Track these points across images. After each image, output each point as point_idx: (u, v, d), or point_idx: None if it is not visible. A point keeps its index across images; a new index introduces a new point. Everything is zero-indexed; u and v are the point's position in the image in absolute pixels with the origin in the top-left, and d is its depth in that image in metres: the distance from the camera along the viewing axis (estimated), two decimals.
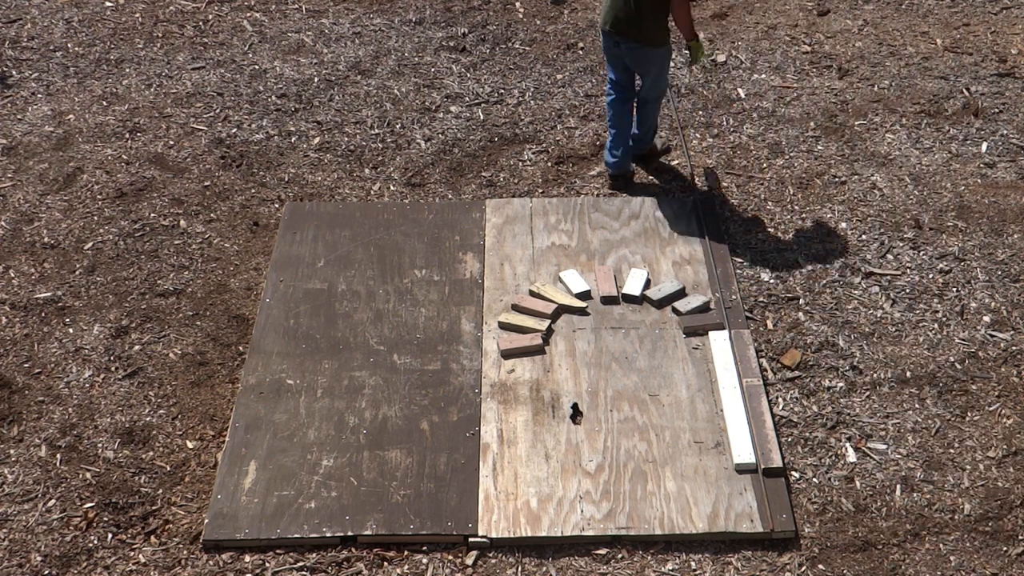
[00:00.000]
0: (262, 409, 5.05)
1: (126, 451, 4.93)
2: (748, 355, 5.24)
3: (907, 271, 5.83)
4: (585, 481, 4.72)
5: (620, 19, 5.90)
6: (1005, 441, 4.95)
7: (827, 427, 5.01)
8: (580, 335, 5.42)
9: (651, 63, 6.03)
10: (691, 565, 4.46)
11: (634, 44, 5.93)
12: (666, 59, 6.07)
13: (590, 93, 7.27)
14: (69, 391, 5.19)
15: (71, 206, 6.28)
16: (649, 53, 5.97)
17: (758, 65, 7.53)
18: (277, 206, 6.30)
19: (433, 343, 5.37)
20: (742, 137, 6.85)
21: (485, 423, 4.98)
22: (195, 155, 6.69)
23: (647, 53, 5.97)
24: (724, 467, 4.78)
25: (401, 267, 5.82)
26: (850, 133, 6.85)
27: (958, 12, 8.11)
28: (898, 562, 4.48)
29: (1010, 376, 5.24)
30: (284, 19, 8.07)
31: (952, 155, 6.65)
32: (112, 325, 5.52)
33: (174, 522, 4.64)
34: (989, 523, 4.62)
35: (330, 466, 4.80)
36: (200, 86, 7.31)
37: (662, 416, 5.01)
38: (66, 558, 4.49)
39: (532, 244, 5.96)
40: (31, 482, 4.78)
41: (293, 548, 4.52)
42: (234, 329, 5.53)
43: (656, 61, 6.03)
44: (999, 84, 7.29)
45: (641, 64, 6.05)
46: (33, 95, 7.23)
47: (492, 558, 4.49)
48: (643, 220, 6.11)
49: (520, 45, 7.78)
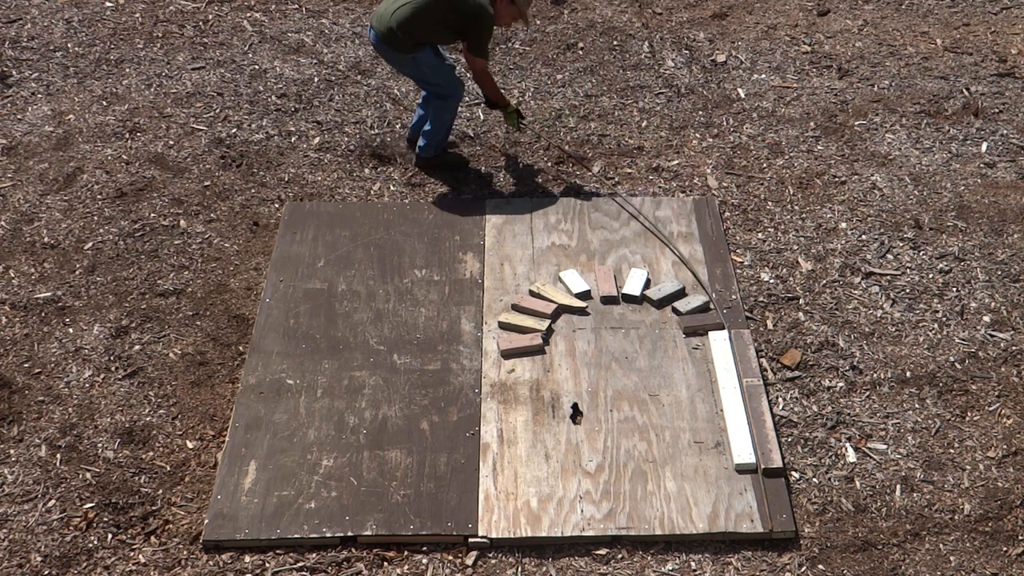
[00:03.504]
0: (262, 409, 5.05)
1: (126, 451, 4.93)
2: (748, 355, 5.24)
3: (907, 271, 5.83)
4: (585, 481, 4.72)
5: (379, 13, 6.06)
6: (1005, 441, 4.95)
7: (827, 427, 5.02)
8: (580, 335, 5.42)
9: (401, 65, 6.18)
10: (691, 565, 4.46)
11: (385, 46, 6.07)
12: (420, 64, 6.10)
13: (590, 93, 7.27)
14: (69, 391, 5.19)
15: (71, 206, 6.28)
16: (394, 56, 6.09)
17: (758, 65, 7.54)
18: (277, 206, 6.30)
19: (433, 343, 5.37)
20: (742, 137, 6.85)
21: (485, 423, 4.98)
22: (195, 155, 6.69)
23: (392, 54, 6.09)
24: (724, 467, 4.78)
25: (401, 267, 5.82)
26: (850, 133, 6.86)
27: (958, 12, 8.12)
28: (898, 562, 4.48)
29: (1010, 376, 5.24)
30: (284, 19, 8.07)
31: (952, 155, 6.65)
32: (112, 325, 5.52)
33: (174, 522, 4.64)
34: (989, 523, 4.62)
35: (330, 466, 4.80)
36: (200, 86, 7.31)
37: (662, 416, 5.01)
38: (66, 558, 4.49)
39: (532, 244, 5.96)
40: (31, 482, 4.78)
41: (293, 548, 4.52)
42: (234, 329, 5.53)
43: (405, 64, 6.14)
44: (999, 84, 7.29)
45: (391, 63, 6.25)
46: (33, 95, 7.23)
47: (492, 558, 4.49)
48: (643, 220, 6.11)
49: (520, 45, 7.78)
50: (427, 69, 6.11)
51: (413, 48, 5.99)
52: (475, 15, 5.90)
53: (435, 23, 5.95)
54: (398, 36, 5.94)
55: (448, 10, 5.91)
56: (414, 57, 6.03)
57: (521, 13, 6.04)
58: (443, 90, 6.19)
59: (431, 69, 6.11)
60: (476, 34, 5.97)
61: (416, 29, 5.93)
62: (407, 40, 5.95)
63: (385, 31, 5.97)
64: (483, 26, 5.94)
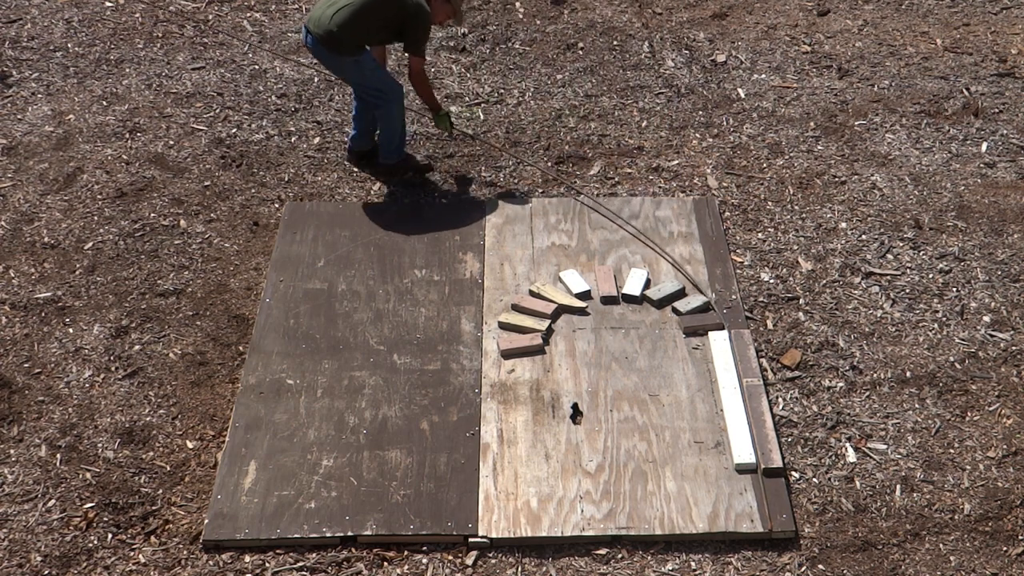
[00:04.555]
0: (262, 409, 5.05)
1: (126, 451, 4.93)
2: (748, 355, 5.24)
3: (907, 271, 5.83)
4: (585, 481, 4.72)
5: (316, 18, 5.99)
6: (1005, 441, 4.95)
7: (827, 427, 5.01)
8: (580, 335, 5.42)
9: (342, 69, 6.13)
10: (691, 565, 4.46)
11: (326, 50, 6.01)
12: (362, 67, 6.06)
13: (590, 93, 7.27)
14: (69, 391, 5.19)
15: (71, 206, 6.28)
16: (335, 59, 6.04)
17: (758, 65, 7.54)
18: (277, 206, 6.30)
19: (433, 343, 5.37)
20: (742, 137, 6.85)
21: (485, 423, 4.98)
22: (195, 155, 6.69)
23: (333, 58, 6.04)
24: (724, 467, 4.78)
25: (401, 267, 5.82)
26: (850, 133, 6.86)
27: (958, 12, 8.12)
28: (898, 562, 4.48)
29: (1010, 376, 5.24)
30: (284, 19, 8.07)
31: (952, 155, 6.65)
32: (112, 325, 5.52)
33: (174, 522, 4.64)
34: (989, 523, 4.62)
35: (330, 466, 4.80)
36: (200, 86, 7.31)
37: (662, 416, 5.01)
38: (66, 558, 4.49)
39: (532, 244, 5.96)
40: (31, 482, 4.78)
41: (293, 548, 4.52)
42: (234, 329, 5.53)
43: (347, 67, 6.09)
44: (999, 84, 7.29)
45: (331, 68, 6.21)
46: (33, 95, 7.23)
47: (492, 558, 4.49)
48: (643, 220, 6.11)
49: (520, 45, 7.78)
50: (368, 71, 6.07)
51: (355, 51, 5.97)
52: (415, 14, 5.92)
53: (376, 24, 5.94)
54: (340, 39, 5.88)
55: (389, 10, 5.90)
56: (356, 60, 5.99)
57: (455, 10, 6.06)
58: (384, 92, 6.16)
59: (372, 71, 6.09)
60: (416, 33, 5.97)
61: (358, 31, 5.90)
62: (350, 42, 5.91)
63: (325, 34, 5.90)
64: (422, 24, 5.96)
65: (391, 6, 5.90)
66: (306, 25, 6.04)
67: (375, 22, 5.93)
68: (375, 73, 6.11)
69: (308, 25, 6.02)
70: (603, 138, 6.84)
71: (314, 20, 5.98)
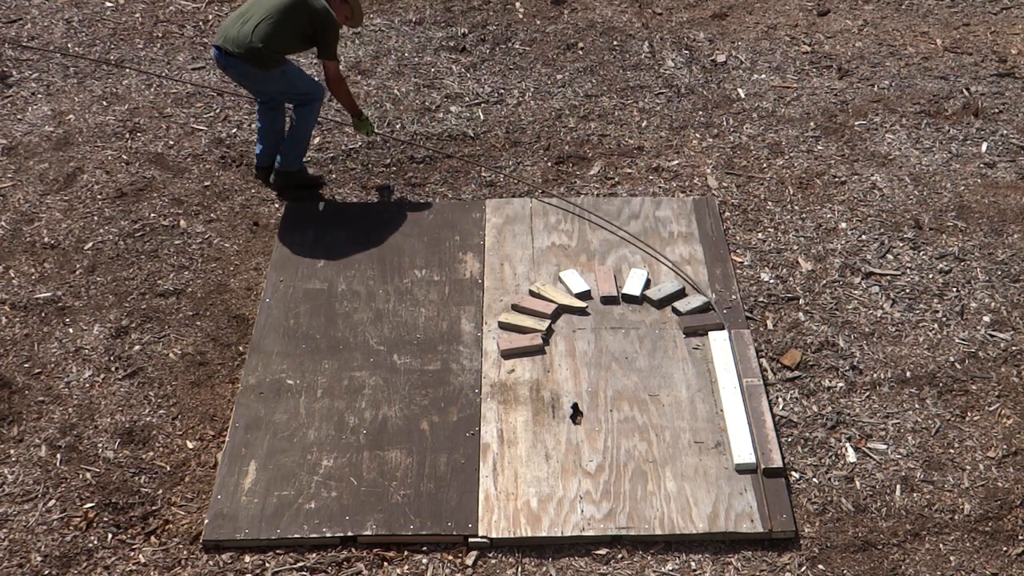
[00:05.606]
0: (262, 409, 5.05)
1: (126, 451, 4.93)
2: (748, 355, 5.24)
3: (907, 271, 5.83)
4: (585, 481, 4.72)
5: (231, 37, 5.89)
6: (1005, 441, 4.95)
7: (827, 427, 5.01)
8: (580, 335, 5.42)
9: (267, 82, 6.05)
10: (691, 565, 4.46)
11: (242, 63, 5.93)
12: (288, 76, 6.02)
13: (590, 93, 7.27)
14: (69, 391, 5.19)
15: (71, 206, 6.28)
16: (260, 74, 5.96)
17: (758, 65, 7.54)
18: (277, 206, 6.30)
19: (433, 343, 5.37)
20: (742, 137, 6.85)
21: (485, 423, 4.98)
22: (195, 155, 6.69)
23: (258, 74, 5.96)
24: (724, 467, 4.78)
25: (401, 267, 5.82)
26: (850, 133, 6.86)
27: (958, 12, 8.12)
28: (898, 562, 4.48)
29: (1010, 376, 5.24)
30: None
31: (952, 155, 6.65)
32: (112, 325, 5.52)
33: (174, 522, 4.64)
34: (989, 523, 4.62)
35: (330, 466, 4.80)
36: (200, 86, 7.30)
37: (662, 416, 5.01)
38: (66, 558, 4.49)
39: (532, 244, 5.96)
40: (31, 482, 4.78)
41: (293, 548, 4.52)
42: (234, 329, 5.53)
43: (272, 79, 6.02)
44: (999, 84, 7.29)
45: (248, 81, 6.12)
46: (33, 95, 7.23)
47: (492, 558, 4.49)
48: (643, 220, 6.11)
49: (520, 45, 7.78)
50: (294, 78, 6.05)
51: (280, 62, 5.94)
52: (324, 18, 5.93)
53: (293, 34, 5.92)
54: (264, 53, 5.84)
55: (302, 18, 5.89)
56: (283, 70, 5.97)
57: (353, 12, 6.09)
58: (311, 94, 6.13)
59: (297, 77, 6.08)
60: (326, 36, 5.97)
61: (279, 42, 5.88)
62: (274, 56, 5.89)
63: (247, 51, 5.83)
64: (331, 27, 5.96)
65: (302, 13, 5.89)
66: (218, 45, 5.94)
67: (291, 31, 5.92)
68: (300, 77, 6.10)
69: (223, 45, 5.90)
70: (603, 138, 6.84)
71: (231, 40, 5.87)
